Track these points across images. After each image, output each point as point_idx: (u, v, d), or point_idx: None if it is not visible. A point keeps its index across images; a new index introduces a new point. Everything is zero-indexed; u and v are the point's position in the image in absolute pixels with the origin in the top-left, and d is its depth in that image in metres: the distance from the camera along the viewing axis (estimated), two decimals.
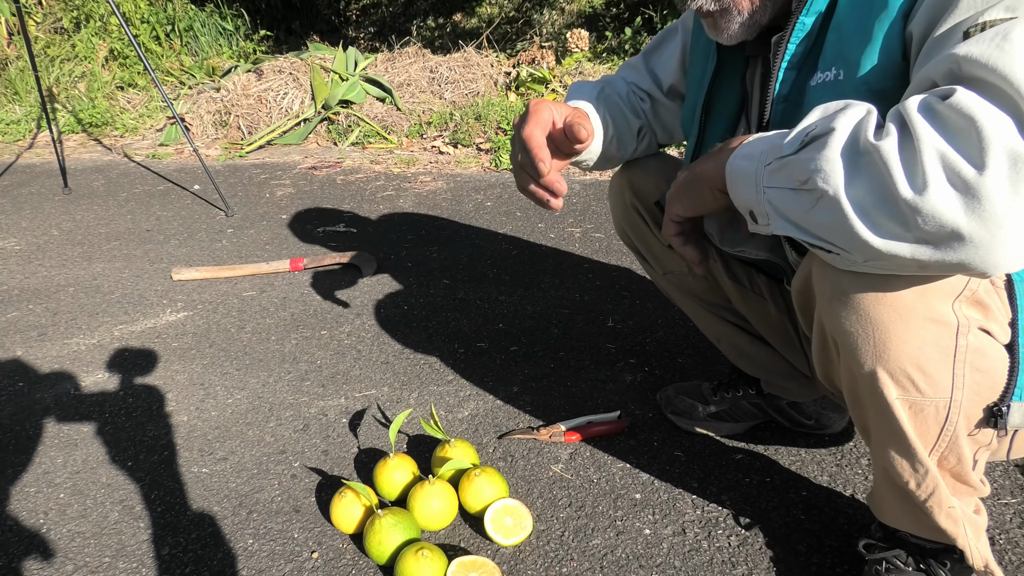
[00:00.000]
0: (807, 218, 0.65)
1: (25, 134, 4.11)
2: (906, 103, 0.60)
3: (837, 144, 0.62)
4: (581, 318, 1.81)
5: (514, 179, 0.91)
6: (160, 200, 2.96)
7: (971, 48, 0.58)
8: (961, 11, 0.63)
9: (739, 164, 0.73)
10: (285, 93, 3.81)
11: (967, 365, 0.71)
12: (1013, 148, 0.54)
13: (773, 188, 0.68)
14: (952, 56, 0.60)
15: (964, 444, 0.75)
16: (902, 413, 0.73)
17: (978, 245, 0.56)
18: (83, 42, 4.66)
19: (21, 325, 1.94)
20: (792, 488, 1.20)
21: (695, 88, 1.02)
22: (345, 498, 1.13)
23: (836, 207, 0.62)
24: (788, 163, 0.66)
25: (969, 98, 0.56)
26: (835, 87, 0.75)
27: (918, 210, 0.57)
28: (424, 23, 5.49)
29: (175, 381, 1.64)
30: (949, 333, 0.70)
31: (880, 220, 0.60)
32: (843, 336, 0.74)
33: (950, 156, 0.55)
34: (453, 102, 3.73)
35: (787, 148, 0.66)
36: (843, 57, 0.74)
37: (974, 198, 0.54)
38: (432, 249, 2.31)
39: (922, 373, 0.71)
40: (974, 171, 0.54)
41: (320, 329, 1.84)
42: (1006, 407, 0.72)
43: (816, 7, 0.77)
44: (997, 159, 0.54)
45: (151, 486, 1.30)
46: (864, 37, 0.72)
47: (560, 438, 1.34)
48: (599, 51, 4.16)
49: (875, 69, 0.71)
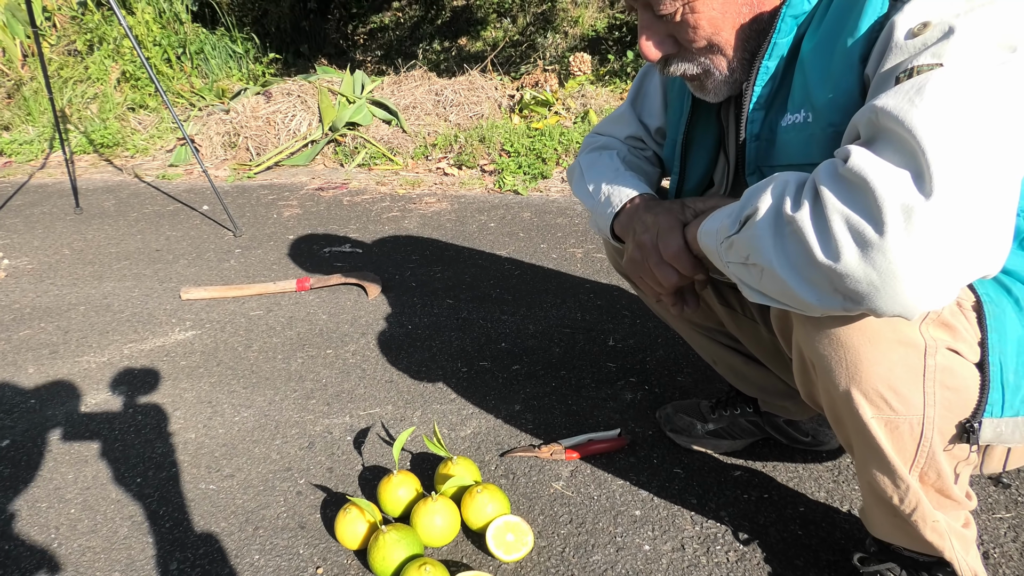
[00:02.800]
0: (761, 286, 0.71)
1: (38, 154, 4.19)
2: (817, 171, 0.65)
3: (763, 222, 0.67)
4: (582, 337, 1.84)
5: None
6: (170, 220, 3.01)
7: (887, 100, 0.62)
8: (896, 55, 0.67)
9: (704, 241, 0.80)
10: (293, 115, 3.88)
11: (936, 383, 0.73)
12: (905, 202, 0.57)
13: (732, 263, 0.74)
14: (872, 107, 0.64)
15: (942, 459, 0.78)
16: (878, 431, 0.76)
17: (893, 296, 0.60)
18: (96, 64, 4.75)
19: (33, 343, 1.97)
20: (790, 504, 1.22)
21: (674, 126, 1.06)
22: (349, 514, 1.15)
23: (775, 277, 0.67)
24: (734, 242, 0.72)
25: (863, 159, 0.60)
26: (804, 128, 0.79)
27: (838, 273, 0.61)
28: (430, 47, 5.59)
29: (183, 399, 1.67)
30: (917, 354, 0.73)
31: (812, 283, 0.65)
32: (818, 359, 0.77)
33: (853, 219, 0.60)
34: (458, 124, 3.79)
35: (731, 228, 0.73)
36: (809, 100, 0.78)
37: (881, 255, 0.58)
38: (436, 269, 2.35)
39: (894, 392, 0.74)
40: (874, 230, 0.58)
41: (325, 348, 1.87)
42: (978, 423, 0.75)
43: (778, 52, 0.81)
44: (892, 215, 0.58)
45: (160, 502, 1.32)
46: (827, 80, 0.76)
47: (561, 456, 1.36)
48: (601, 74, 4.23)
49: (839, 111, 0.75)
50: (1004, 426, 0.76)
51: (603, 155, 1.14)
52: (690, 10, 0.80)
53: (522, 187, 3.12)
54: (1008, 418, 0.76)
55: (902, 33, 0.67)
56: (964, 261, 0.59)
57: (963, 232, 0.58)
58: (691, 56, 0.86)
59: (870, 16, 0.71)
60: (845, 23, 0.74)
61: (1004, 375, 0.74)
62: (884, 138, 0.62)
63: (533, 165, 3.26)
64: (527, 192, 3.10)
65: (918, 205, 0.57)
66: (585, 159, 1.17)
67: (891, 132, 0.61)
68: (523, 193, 3.09)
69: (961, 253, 0.58)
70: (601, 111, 3.70)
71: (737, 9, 0.81)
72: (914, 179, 0.58)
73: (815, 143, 0.78)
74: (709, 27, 0.81)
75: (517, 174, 3.24)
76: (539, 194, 3.08)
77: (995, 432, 0.76)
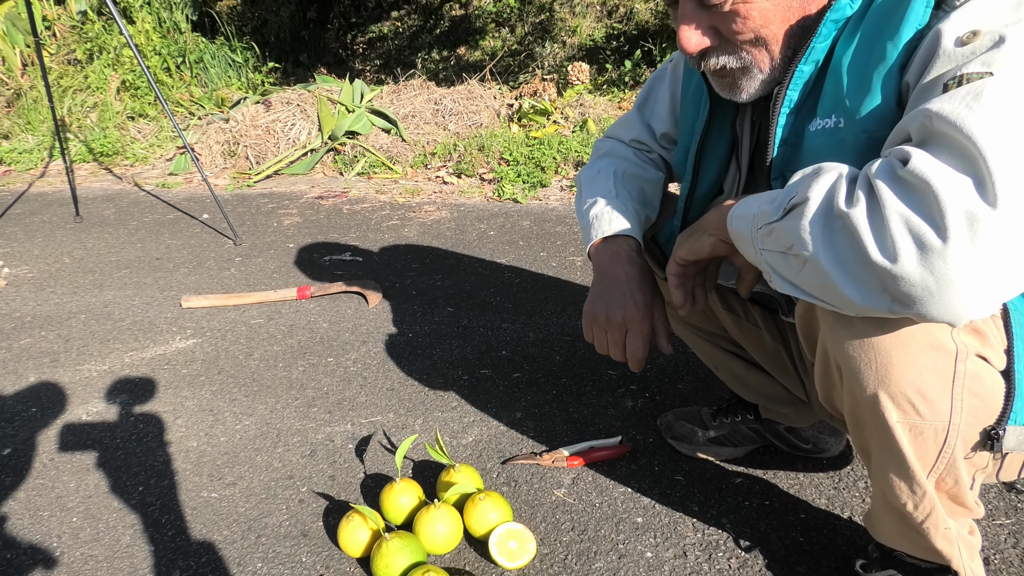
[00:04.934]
0: (799, 279, 0.70)
1: (37, 163, 4.20)
2: (871, 168, 0.64)
3: (812, 213, 0.66)
4: (582, 345, 1.84)
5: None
6: (170, 229, 3.01)
7: (943, 105, 0.61)
8: (943, 63, 0.67)
9: (736, 225, 0.78)
10: (293, 124, 3.90)
11: (965, 390, 0.73)
12: (969, 209, 0.57)
13: (767, 251, 0.72)
14: (926, 111, 0.63)
15: (961, 466, 0.78)
16: (902, 436, 0.76)
17: (947, 303, 0.60)
18: (96, 73, 4.77)
19: (34, 352, 1.98)
20: (791, 511, 1.22)
21: (687, 134, 1.06)
22: (352, 522, 1.15)
23: (819, 270, 0.66)
24: (775, 229, 0.70)
25: (925, 162, 0.59)
26: (835, 134, 0.78)
27: (892, 275, 0.60)
28: (429, 56, 5.62)
29: (184, 407, 1.67)
30: (948, 359, 0.72)
31: (859, 281, 0.64)
32: (846, 360, 0.76)
33: (914, 221, 0.59)
34: (457, 133, 3.81)
35: (773, 215, 0.71)
36: (842, 105, 0.77)
37: (941, 261, 0.58)
38: (436, 277, 2.36)
39: (922, 397, 0.73)
40: (936, 236, 0.58)
41: (326, 356, 1.87)
42: (1002, 431, 0.75)
43: (814, 56, 0.80)
44: (956, 222, 0.57)
45: (162, 511, 1.32)
46: (864, 86, 0.75)
47: (563, 463, 1.36)
48: (599, 83, 4.25)
49: (875, 118, 0.74)
50: None
51: (602, 172, 1.16)
52: (742, 0, 0.78)
53: (521, 196, 3.13)
54: None
55: (951, 41, 0.67)
56: (1019, 271, 0.59)
57: (1021, 243, 0.58)
58: (734, 49, 0.82)
59: (912, 24, 0.71)
60: (884, 29, 0.73)
61: None
62: (939, 142, 0.61)
63: (532, 174, 3.27)
64: (526, 200, 3.11)
65: (983, 214, 0.56)
66: (587, 173, 1.19)
67: (947, 137, 0.60)
68: (522, 201, 3.10)
69: (1017, 263, 0.58)
70: (599, 120, 3.72)
71: (788, 4, 0.79)
72: (976, 186, 0.57)
73: (845, 149, 0.77)
74: (760, 18, 0.78)
75: (516, 183, 3.25)
76: (538, 202, 3.09)
77: (1018, 440, 0.76)
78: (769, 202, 0.72)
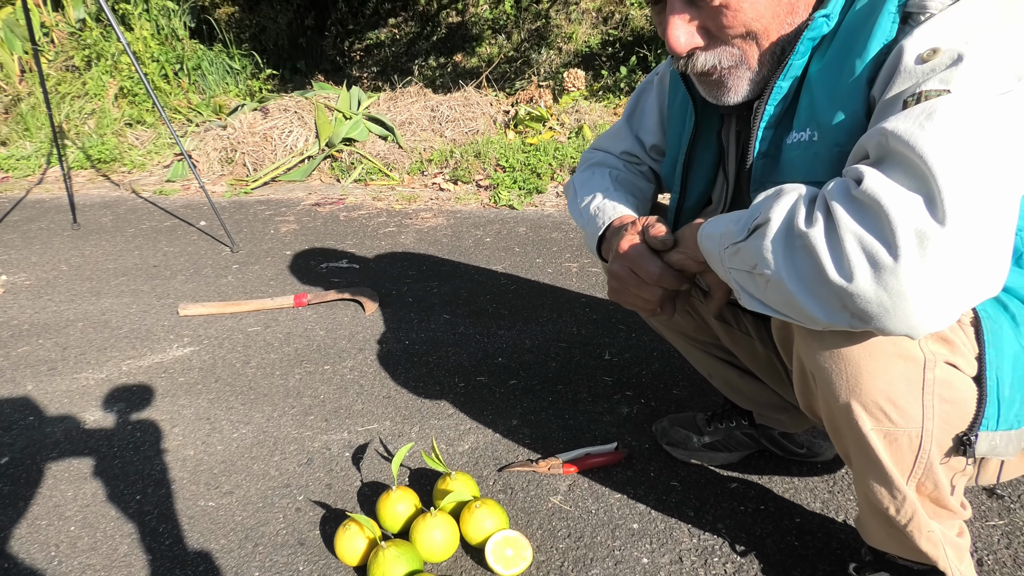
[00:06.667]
0: (765, 296, 0.72)
1: (35, 170, 4.20)
2: (829, 189, 0.66)
3: (774, 233, 0.68)
4: (578, 351, 1.85)
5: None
6: (167, 236, 3.02)
7: (898, 124, 0.64)
8: (904, 79, 0.68)
9: (705, 244, 0.80)
10: (290, 131, 3.91)
11: (935, 396, 0.75)
12: (919, 227, 0.59)
13: (735, 269, 0.75)
14: (882, 129, 0.65)
15: (939, 471, 0.79)
16: (877, 442, 0.77)
17: (903, 317, 0.62)
18: (94, 80, 4.78)
19: (31, 360, 1.98)
20: (786, 515, 1.23)
21: (675, 145, 1.08)
22: (349, 530, 1.16)
23: (783, 289, 0.68)
24: (740, 249, 0.73)
25: (877, 182, 0.62)
26: (809, 147, 0.80)
27: (848, 293, 0.63)
28: (426, 63, 5.64)
29: (182, 415, 1.67)
30: (917, 367, 0.74)
31: (820, 299, 0.66)
32: (819, 371, 0.78)
33: (867, 240, 0.61)
34: (453, 140, 3.82)
35: (738, 235, 0.73)
36: (815, 119, 0.79)
37: (894, 279, 0.60)
38: (433, 284, 2.36)
39: (893, 405, 0.75)
40: (888, 254, 0.60)
41: (323, 364, 1.88)
42: (974, 436, 0.76)
43: (792, 72, 0.82)
44: (906, 239, 0.59)
45: (159, 519, 1.33)
46: (834, 101, 0.77)
47: (559, 470, 1.37)
48: (595, 89, 4.27)
49: (845, 131, 0.76)
50: (999, 439, 0.78)
51: (596, 173, 1.16)
52: None
53: (517, 202, 3.14)
54: (1003, 431, 0.77)
55: (911, 58, 0.68)
56: (972, 285, 0.61)
57: (972, 258, 0.60)
58: (724, 45, 0.82)
59: (879, 39, 0.73)
60: (854, 46, 0.75)
61: (1000, 389, 0.76)
62: (894, 160, 0.63)
63: (528, 180, 3.28)
64: (522, 207, 3.12)
65: (932, 231, 0.58)
66: (580, 177, 1.19)
67: (901, 155, 0.62)
68: (518, 208, 3.11)
69: (969, 278, 0.60)
70: (595, 126, 3.74)
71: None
72: (926, 204, 0.59)
73: (820, 162, 0.79)
74: (751, 11, 0.78)
75: (512, 189, 3.26)
76: (534, 209, 3.10)
77: (990, 445, 0.78)
78: (735, 222, 0.75)
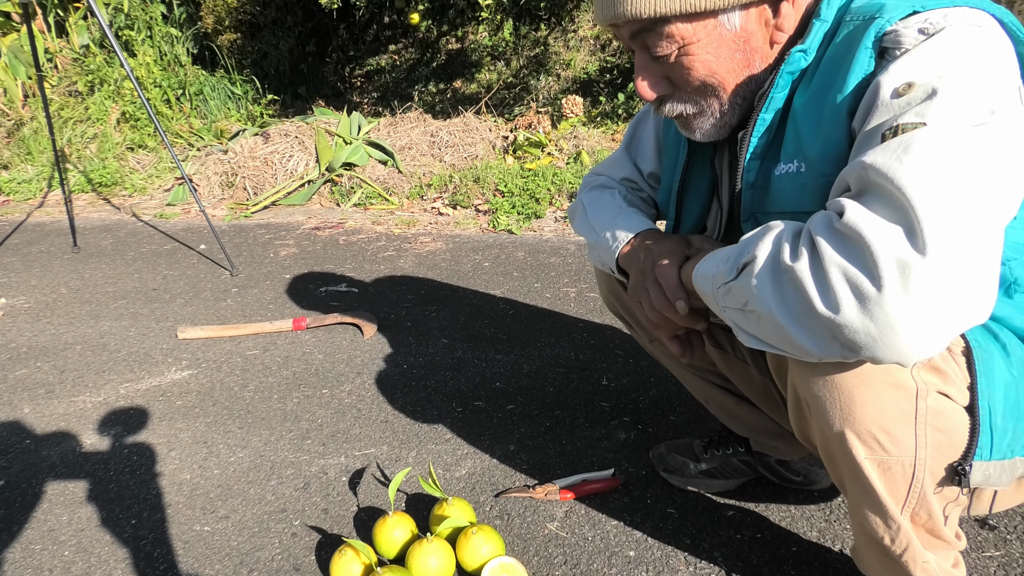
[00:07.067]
0: (759, 332, 0.74)
1: (36, 193, 4.23)
2: (812, 222, 0.68)
3: (761, 270, 0.70)
4: (576, 377, 1.86)
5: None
6: (167, 259, 3.03)
7: (876, 157, 0.66)
8: (882, 113, 0.71)
9: (699, 284, 0.82)
10: (291, 155, 3.95)
11: (928, 426, 0.76)
12: (900, 257, 0.61)
13: (728, 308, 0.77)
14: (861, 163, 0.67)
15: (933, 500, 0.80)
16: (871, 471, 0.78)
17: (892, 346, 0.63)
18: (96, 105, 4.83)
19: (29, 383, 1.98)
20: (783, 544, 1.23)
21: (669, 173, 1.11)
22: (345, 556, 1.15)
23: (775, 324, 0.70)
24: (731, 288, 0.75)
25: (858, 214, 0.64)
26: (797, 178, 0.83)
27: (837, 324, 0.64)
28: (425, 89, 5.71)
29: (179, 439, 1.67)
30: (909, 397, 0.75)
31: (811, 332, 0.67)
32: (813, 400, 0.79)
33: (851, 272, 0.63)
34: (453, 165, 3.86)
35: (728, 274, 0.75)
36: (801, 151, 0.82)
37: (879, 309, 0.62)
38: (431, 309, 2.37)
39: (886, 434, 0.76)
40: (872, 284, 0.62)
41: (321, 388, 1.88)
42: (968, 466, 0.77)
43: (775, 105, 0.86)
44: (888, 270, 0.61)
45: (154, 544, 1.32)
46: (818, 133, 0.80)
47: (555, 496, 1.37)
48: (593, 116, 4.33)
49: (830, 162, 0.79)
50: (992, 469, 0.78)
51: (605, 193, 1.18)
52: (685, 53, 0.84)
53: (516, 227, 3.17)
54: (996, 461, 0.78)
55: (888, 92, 0.71)
56: (957, 313, 0.62)
57: (955, 285, 0.61)
58: (686, 97, 0.90)
59: (857, 73, 0.76)
60: (835, 79, 0.78)
61: (992, 419, 0.77)
62: (874, 193, 0.65)
63: (527, 205, 3.31)
64: (521, 232, 3.15)
65: (913, 261, 0.60)
66: (587, 196, 1.21)
67: (880, 187, 0.65)
68: (517, 233, 3.14)
69: (954, 305, 0.62)
70: (593, 152, 3.78)
71: (731, 55, 0.85)
72: (907, 235, 0.61)
73: (808, 192, 0.81)
74: (703, 69, 0.85)
75: (511, 214, 3.29)
76: (533, 234, 3.13)
77: (985, 475, 0.78)
78: (724, 262, 0.77)
